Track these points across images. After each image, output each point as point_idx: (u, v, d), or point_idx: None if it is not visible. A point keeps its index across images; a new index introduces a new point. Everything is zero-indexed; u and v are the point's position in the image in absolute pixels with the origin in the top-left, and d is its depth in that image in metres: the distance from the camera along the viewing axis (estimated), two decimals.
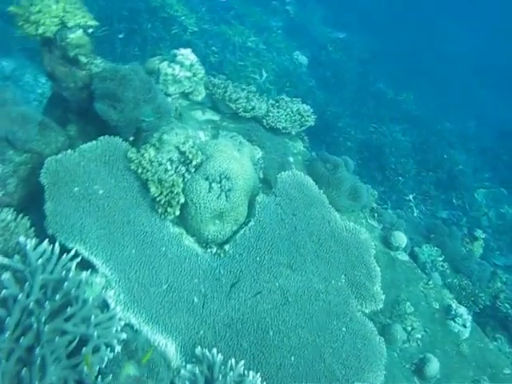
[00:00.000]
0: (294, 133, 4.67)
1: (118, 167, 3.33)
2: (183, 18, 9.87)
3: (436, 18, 18.68)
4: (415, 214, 8.81)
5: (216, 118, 4.40)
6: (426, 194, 9.20)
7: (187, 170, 3.30)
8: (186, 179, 3.29)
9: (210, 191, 3.28)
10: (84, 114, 3.68)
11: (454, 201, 9.11)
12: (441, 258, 5.19)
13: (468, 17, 18.88)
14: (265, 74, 9.78)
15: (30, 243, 2.61)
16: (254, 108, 4.45)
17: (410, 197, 8.98)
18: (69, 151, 3.25)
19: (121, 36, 8.89)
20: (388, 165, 9.51)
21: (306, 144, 4.88)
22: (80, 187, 3.18)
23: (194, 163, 3.32)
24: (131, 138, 3.54)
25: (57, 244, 2.67)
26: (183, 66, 3.94)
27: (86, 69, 3.66)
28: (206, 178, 3.30)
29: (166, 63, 3.92)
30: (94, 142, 3.33)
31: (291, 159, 4.38)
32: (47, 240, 2.70)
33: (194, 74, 4.03)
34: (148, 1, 9.63)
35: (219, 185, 3.30)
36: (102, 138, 3.36)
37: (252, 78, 9.63)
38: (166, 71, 3.87)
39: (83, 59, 3.63)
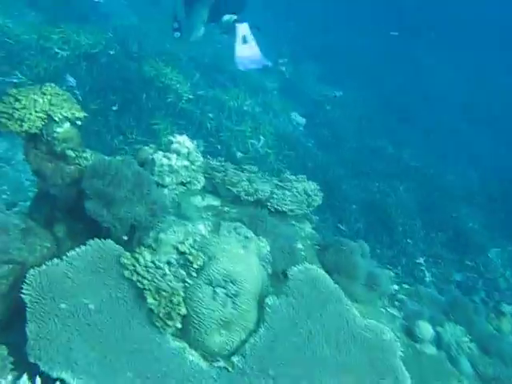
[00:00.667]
0: (300, 214, 4.35)
1: (111, 275, 2.97)
2: (178, 85, 9.75)
3: (422, 57, 18.81)
4: (427, 279, 8.40)
5: (217, 203, 4.08)
6: (438, 256, 8.81)
7: (188, 273, 2.95)
8: (186, 285, 2.93)
9: (214, 298, 2.91)
10: (73, 212, 3.35)
11: (467, 262, 8.71)
12: (467, 339, 4.76)
13: (453, 54, 18.99)
14: (262, 139, 9.59)
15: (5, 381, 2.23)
16: (256, 191, 4.15)
17: (421, 260, 8.58)
18: (55, 261, 2.90)
19: (115, 108, 8.71)
20: (395, 227, 9.17)
21: (314, 224, 4.54)
22: (68, 303, 2.81)
23: (195, 266, 2.96)
24: (125, 238, 3.21)
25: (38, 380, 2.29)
26: (180, 155, 3.64)
27: (75, 163, 3.37)
28: (210, 283, 2.94)
29: (160, 154, 3.62)
30: (84, 247, 2.98)
31: (300, 245, 4.03)
32: (26, 375, 2.33)
33: (192, 163, 3.72)
34: (142, 72, 9.55)
35: (224, 290, 2.94)
36: (92, 242, 3.02)
37: (250, 143, 9.42)
38: (162, 162, 3.56)
39: (71, 153, 3.34)
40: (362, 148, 11.96)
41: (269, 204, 4.20)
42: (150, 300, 2.81)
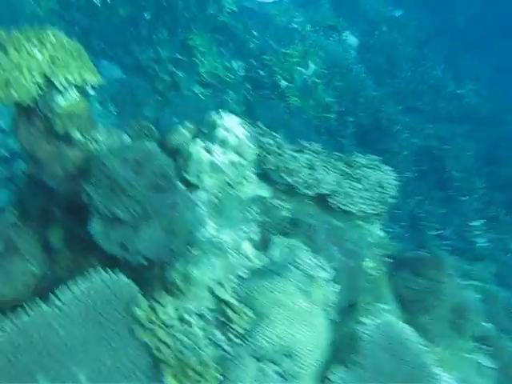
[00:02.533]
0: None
1: (117, 330, 2.14)
2: None
3: None
4: (481, 244, 7.50)
5: (266, 193, 3.15)
6: (495, 218, 7.84)
7: (227, 338, 2.11)
8: (224, 356, 2.11)
9: (261, 379, 2.09)
10: (75, 213, 2.48)
11: None
12: None
13: None
14: (311, 66, 8.37)
15: None
16: (319, 182, 3.20)
17: (477, 223, 7.64)
18: (44, 308, 2.07)
19: (147, 16, 7.54)
20: (450, 181, 8.15)
21: (384, 222, 3.61)
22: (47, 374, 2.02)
23: (238, 329, 2.12)
24: (144, 263, 2.35)
25: None
26: (226, 146, 2.65)
27: (82, 148, 2.45)
28: (258, 358, 2.11)
29: (200, 144, 2.63)
30: (85, 284, 2.14)
31: (370, 263, 3.13)
32: None
33: (242, 157, 2.73)
34: None
35: (277, 367, 2.12)
36: (97, 276, 2.17)
37: (297, 71, 8.23)
38: (201, 156, 2.59)
39: (77, 135, 2.40)
40: (419, 80, 10.60)
41: (333, 201, 3.26)
42: (169, 379, 1.99)
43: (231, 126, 2.66)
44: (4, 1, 6.25)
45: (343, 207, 3.25)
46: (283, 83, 7.97)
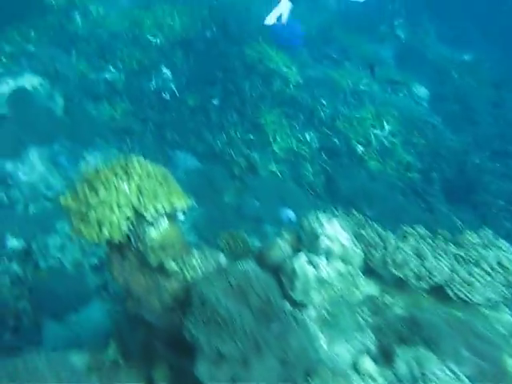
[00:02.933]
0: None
1: None
2: (284, 68, 8.48)
3: None
4: None
5: (375, 291, 2.85)
6: None
7: None
8: None
9: None
10: (179, 348, 2.29)
11: None
12: None
13: None
14: (386, 127, 8.10)
15: None
16: (431, 272, 2.86)
17: None
18: None
19: (216, 103, 7.63)
20: None
21: None
22: None
23: None
24: None
25: None
26: (332, 256, 2.41)
27: (178, 278, 2.28)
28: None
29: (303, 258, 2.40)
30: None
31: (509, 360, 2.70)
32: None
33: (350, 264, 2.47)
34: (244, 56, 8.35)
35: None
36: None
37: (372, 133, 7.98)
38: (306, 272, 2.36)
39: (172, 266, 2.25)
40: (504, 122, 10.02)
41: (450, 291, 2.90)
42: None
43: (333, 232, 2.42)
44: (83, 113, 6.53)
45: (464, 297, 2.87)
46: (360, 148, 7.74)
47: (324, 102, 8.30)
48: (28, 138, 5.72)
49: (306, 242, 2.49)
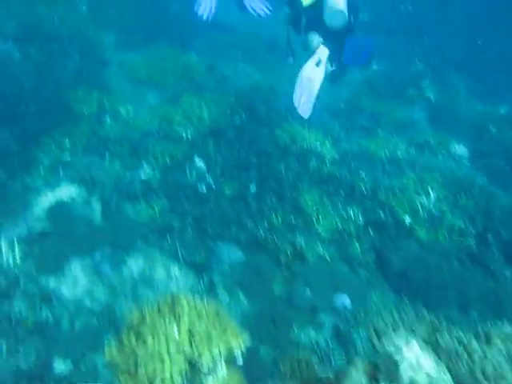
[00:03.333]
0: None
1: None
2: (318, 145, 8.37)
3: None
4: None
5: None
6: None
7: None
8: None
9: None
10: None
11: None
12: None
13: None
14: (432, 194, 7.77)
15: None
16: None
17: None
18: None
19: (253, 189, 7.50)
20: None
21: None
22: None
23: None
24: None
25: None
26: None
27: None
28: None
29: None
30: None
31: None
32: None
33: None
34: (275, 139, 8.30)
35: None
36: None
37: (418, 202, 7.66)
38: None
39: None
40: None
41: None
42: None
43: (414, 356, 2.10)
44: (121, 216, 6.47)
45: None
46: (407, 218, 7.40)
47: (363, 174, 8.08)
48: (69, 250, 5.63)
49: (384, 371, 2.17)
